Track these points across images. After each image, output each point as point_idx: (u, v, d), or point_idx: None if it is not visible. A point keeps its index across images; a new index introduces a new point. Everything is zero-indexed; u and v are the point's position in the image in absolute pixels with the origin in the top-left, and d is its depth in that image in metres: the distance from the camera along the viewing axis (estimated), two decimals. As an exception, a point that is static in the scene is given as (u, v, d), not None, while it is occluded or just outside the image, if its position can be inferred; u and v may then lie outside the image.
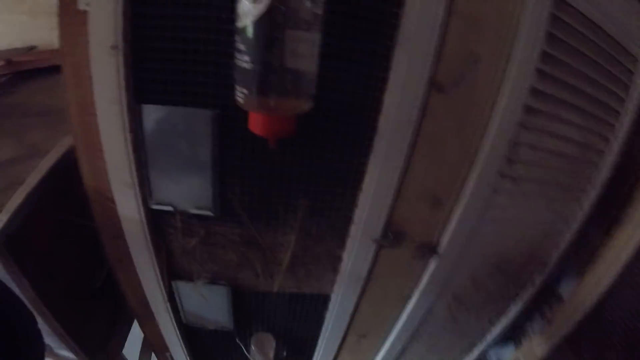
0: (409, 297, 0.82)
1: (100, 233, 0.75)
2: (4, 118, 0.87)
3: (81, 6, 0.52)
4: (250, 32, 0.45)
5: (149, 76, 0.58)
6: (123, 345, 0.95)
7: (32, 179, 0.69)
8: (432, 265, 0.76)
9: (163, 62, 0.57)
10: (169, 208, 0.69)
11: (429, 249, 0.73)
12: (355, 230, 0.69)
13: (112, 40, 0.54)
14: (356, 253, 0.72)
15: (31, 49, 1.22)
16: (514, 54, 0.56)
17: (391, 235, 0.69)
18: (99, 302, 0.84)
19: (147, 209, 0.69)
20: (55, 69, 1.00)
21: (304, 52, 0.46)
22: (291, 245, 0.71)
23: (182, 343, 0.89)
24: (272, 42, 0.45)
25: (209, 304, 0.81)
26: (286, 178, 0.65)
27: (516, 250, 0.82)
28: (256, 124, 0.53)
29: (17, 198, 0.65)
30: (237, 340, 0.90)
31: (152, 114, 0.60)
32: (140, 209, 0.69)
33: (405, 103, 0.58)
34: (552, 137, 0.68)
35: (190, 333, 0.90)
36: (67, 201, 0.75)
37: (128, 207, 0.69)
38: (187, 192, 0.67)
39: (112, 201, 0.69)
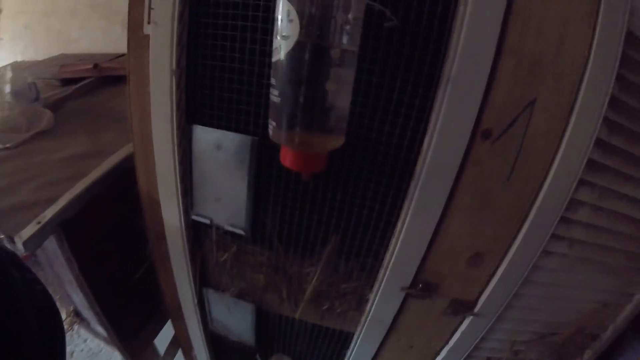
0: (437, 353, 0.75)
1: (147, 231, 0.81)
2: (85, 116, 0.99)
3: (146, 31, 0.57)
4: (279, 66, 0.45)
5: (199, 100, 0.61)
6: (155, 336, 1.02)
7: (95, 174, 0.77)
8: (466, 323, 0.69)
9: (212, 89, 0.60)
10: (207, 221, 0.72)
11: (463, 307, 0.67)
12: (383, 275, 0.65)
13: (169, 64, 0.58)
14: (382, 298, 0.68)
15: (119, 56, 1.37)
16: (579, 99, 0.49)
17: (421, 285, 0.64)
18: (139, 293, 0.91)
19: (187, 218, 0.73)
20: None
21: (334, 88, 0.45)
22: (315, 277, 0.69)
23: (206, 347, 0.92)
24: (299, 78, 0.44)
25: (234, 316, 0.83)
26: (318, 211, 0.64)
27: (563, 318, 0.71)
28: (285, 157, 0.53)
29: (77, 188, 0.74)
30: (257, 356, 0.91)
31: (199, 134, 0.64)
32: (181, 218, 0.73)
33: (446, 148, 0.53)
34: (617, 197, 0.59)
35: (215, 339, 0.93)
36: (124, 199, 0.82)
37: (171, 214, 0.73)
38: (225, 209, 0.70)
39: (159, 205, 0.74)
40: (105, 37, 1.47)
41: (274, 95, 0.47)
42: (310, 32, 0.42)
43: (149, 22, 0.58)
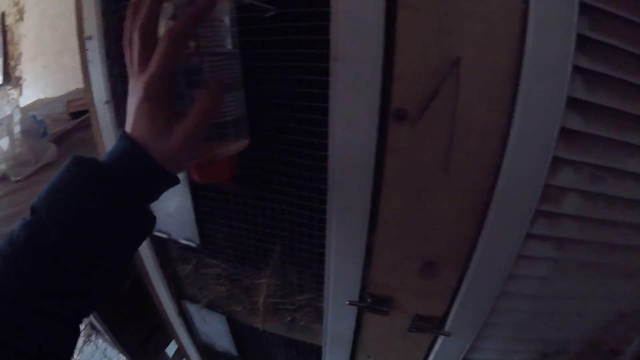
0: (415, 373, 0.66)
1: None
2: (87, 146, 1.08)
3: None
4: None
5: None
6: (164, 346, 1.07)
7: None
8: (439, 343, 0.59)
9: None
10: (165, 235, 0.72)
11: (429, 324, 0.57)
12: (327, 287, 0.59)
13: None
14: (334, 312, 0.61)
15: None
16: (527, 45, 0.36)
17: (370, 300, 0.56)
18: (143, 308, 0.96)
19: (151, 235, 0.75)
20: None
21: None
22: (265, 288, 0.65)
23: (199, 357, 0.94)
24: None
25: (211, 327, 0.83)
26: (256, 221, 0.61)
27: (569, 335, 0.57)
28: (191, 171, 0.50)
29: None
30: (244, 367, 0.90)
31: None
32: (144, 234, 0.75)
33: (353, 140, 0.45)
34: (618, 177, 0.44)
35: (207, 349, 0.95)
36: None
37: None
38: (177, 223, 0.70)
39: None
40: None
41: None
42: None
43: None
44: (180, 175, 0.63)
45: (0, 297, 0.30)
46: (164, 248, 0.77)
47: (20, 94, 2.21)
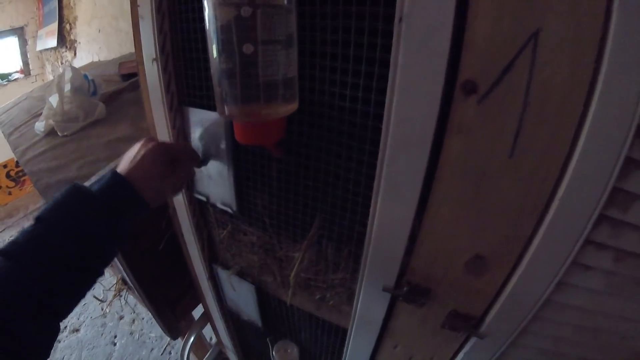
0: (442, 370, 0.62)
1: (167, 207, 0.87)
2: (134, 106, 1.11)
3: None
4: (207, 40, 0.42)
5: (187, 83, 0.63)
6: (193, 308, 1.10)
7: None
8: (470, 344, 0.55)
9: (193, 70, 0.61)
10: (204, 198, 0.73)
11: (463, 322, 0.53)
12: (363, 269, 0.56)
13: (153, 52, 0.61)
14: (366, 296, 0.59)
15: None
16: (612, 23, 0.31)
17: (406, 288, 0.53)
18: (176, 268, 0.99)
19: (190, 195, 0.75)
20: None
21: (253, 51, 0.39)
22: (298, 262, 0.64)
23: (224, 322, 0.96)
24: (217, 46, 0.40)
25: (240, 295, 0.84)
26: (297, 191, 0.59)
27: (610, 357, 0.51)
28: (237, 133, 0.49)
29: (110, 165, 0.82)
30: (267, 339, 0.90)
31: (190, 115, 0.64)
32: (184, 195, 0.75)
33: (412, 112, 0.41)
34: None
35: (233, 316, 0.96)
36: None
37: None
38: (217, 187, 0.69)
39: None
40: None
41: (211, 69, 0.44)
42: None
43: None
44: (221, 139, 0.63)
45: (4, 290, 0.36)
46: (202, 210, 0.77)
47: (75, 55, 2.32)
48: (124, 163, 0.49)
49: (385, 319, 0.61)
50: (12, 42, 2.91)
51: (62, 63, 2.50)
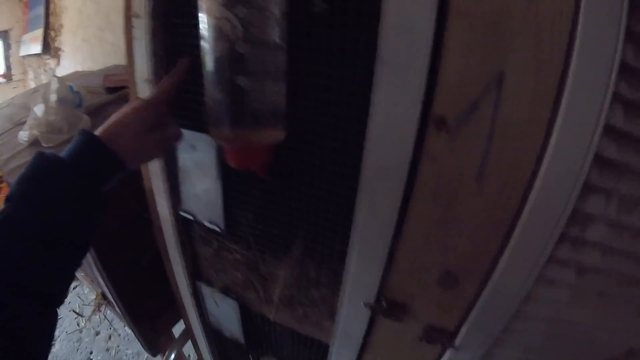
0: (419, 382, 0.66)
1: (152, 224, 0.87)
2: None
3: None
4: (203, 66, 0.45)
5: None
6: (173, 324, 1.09)
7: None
8: (447, 357, 0.59)
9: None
10: (190, 217, 0.74)
11: (439, 335, 0.57)
12: (345, 286, 0.59)
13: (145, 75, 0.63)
14: (348, 311, 0.62)
15: None
16: (571, 68, 0.36)
17: (385, 303, 0.57)
18: (156, 283, 0.99)
19: (176, 213, 0.77)
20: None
21: (248, 82, 0.43)
22: (282, 281, 0.66)
23: (205, 339, 0.96)
24: (212, 76, 0.44)
25: (223, 311, 0.85)
26: (282, 211, 0.62)
27: None
28: (225, 155, 0.52)
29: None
30: (249, 356, 0.91)
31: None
32: (171, 213, 0.77)
33: (390, 142, 0.46)
34: None
35: (215, 332, 0.96)
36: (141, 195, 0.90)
37: (163, 209, 0.78)
38: (203, 206, 0.71)
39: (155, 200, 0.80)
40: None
41: (205, 97, 0.47)
42: (216, 30, 0.42)
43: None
44: (211, 160, 0.65)
45: None
46: (187, 228, 0.79)
47: (58, 64, 2.29)
48: (105, 123, 0.46)
49: (366, 334, 0.63)
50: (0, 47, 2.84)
51: (45, 70, 2.46)
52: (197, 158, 0.67)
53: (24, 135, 1.12)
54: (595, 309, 0.51)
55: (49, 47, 2.33)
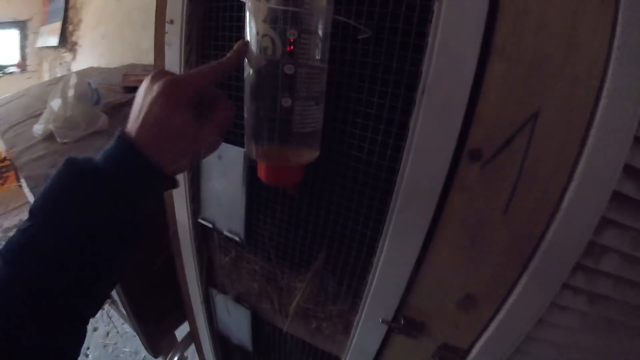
0: (429, 400, 0.67)
1: (168, 228, 0.88)
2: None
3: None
4: (245, 83, 0.46)
5: None
6: (176, 326, 1.09)
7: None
8: (459, 375, 0.60)
9: None
10: (210, 225, 0.76)
11: (452, 354, 0.59)
12: (365, 303, 0.61)
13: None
14: (364, 327, 0.63)
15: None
16: (599, 112, 0.39)
17: (403, 322, 0.58)
18: (164, 285, 0.99)
19: (195, 220, 0.78)
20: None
21: (291, 103, 0.44)
22: (301, 292, 0.68)
23: (211, 344, 0.96)
24: (257, 94, 0.45)
25: (234, 319, 0.85)
26: (306, 226, 0.63)
27: None
28: (259, 170, 0.53)
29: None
30: (255, 363, 0.92)
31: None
32: (189, 219, 0.78)
33: (425, 170, 0.48)
34: None
35: (221, 339, 0.97)
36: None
37: (182, 215, 0.79)
38: (225, 215, 0.73)
39: (173, 206, 0.81)
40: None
41: (245, 112, 0.49)
42: (266, 50, 0.43)
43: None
44: (238, 171, 0.66)
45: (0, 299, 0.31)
46: (205, 235, 0.80)
47: (74, 58, 2.29)
48: (132, 117, 0.37)
49: (379, 349, 0.65)
50: (14, 35, 2.83)
51: (60, 64, 2.45)
52: (223, 168, 0.68)
53: (38, 128, 1.13)
54: (603, 336, 0.53)
55: (66, 40, 2.32)
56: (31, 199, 1.13)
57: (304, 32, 0.43)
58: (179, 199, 0.77)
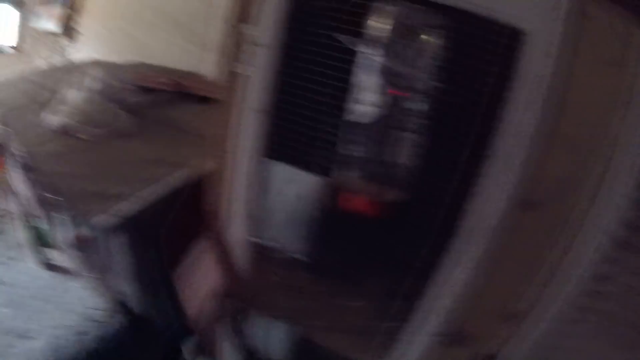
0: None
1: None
2: (160, 125, 1.11)
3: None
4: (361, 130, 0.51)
5: (281, 138, 0.71)
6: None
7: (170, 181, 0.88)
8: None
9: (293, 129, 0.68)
10: (267, 244, 0.78)
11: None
12: (414, 320, 0.70)
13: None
14: (410, 341, 0.71)
15: (189, 74, 1.41)
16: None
17: (449, 335, 0.67)
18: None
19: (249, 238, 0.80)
20: (204, 99, 1.19)
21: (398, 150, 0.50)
22: (352, 312, 0.73)
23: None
24: (371, 139, 0.50)
25: (269, 334, 0.87)
26: (372, 249, 0.69)
27: None
28: (346, 200, 0.58)
29: (146, 191, 0.85)
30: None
31: (278, 168, 0.72)
32: (243, 236, 0.80)
33: (486, 215, 0.60)
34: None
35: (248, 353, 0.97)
36: (186, 207, 0.90)
37: (236, 232, 0.81)
38: (287, 235, 0.76)
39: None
40: (181, 55, 1.58)
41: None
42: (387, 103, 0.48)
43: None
44: (308, 196, 0.70)
45: None
46: (257, 253, 0.82)
47: (73, 47, 2.12)
48: None
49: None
50: (13, 15, 2.54)
51: (57, 50, 2.23)
52: (294, 191, 0.72)
53: (52, 119, 1.06)
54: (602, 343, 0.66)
55: (66, 27, 2.13)
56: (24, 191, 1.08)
57: (422, 64, 0.51)
58: (237, 216, 0.81)
